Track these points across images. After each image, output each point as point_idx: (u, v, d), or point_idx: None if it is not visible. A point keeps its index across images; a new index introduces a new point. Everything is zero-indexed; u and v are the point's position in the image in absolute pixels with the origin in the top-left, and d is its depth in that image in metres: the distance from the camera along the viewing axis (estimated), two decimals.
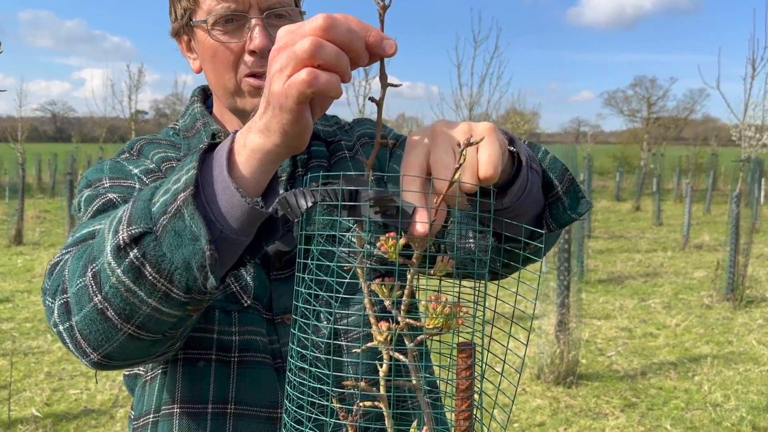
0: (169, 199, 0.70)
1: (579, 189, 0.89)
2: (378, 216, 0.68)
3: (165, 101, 39.47)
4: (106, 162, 1.07)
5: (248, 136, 0.70)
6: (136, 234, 0.71)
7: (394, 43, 0.66)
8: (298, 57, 0.63)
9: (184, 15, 1.06)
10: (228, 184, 0.70)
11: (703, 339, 5.95)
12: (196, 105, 1.16)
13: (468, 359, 0.67)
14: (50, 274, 0.85)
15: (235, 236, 0.72)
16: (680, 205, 17.58)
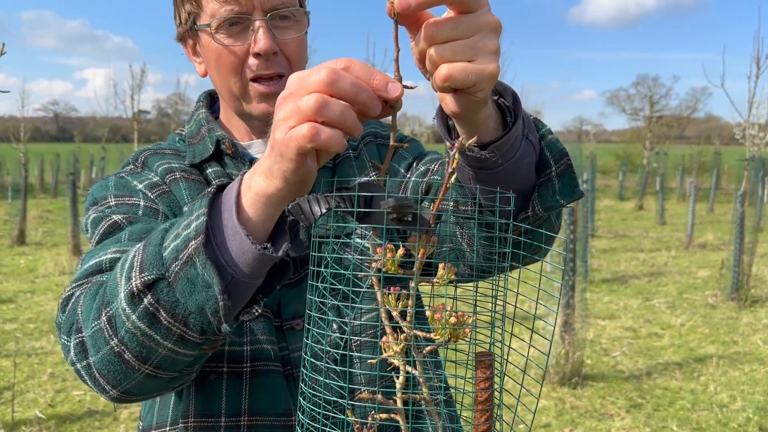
0: (180, 245, 0.71)
1: (574, 176, 0.86)
2: (394, 223, 0.67)
3: (167, 101, 39.53)
4: (111, 177, 1.06)
5: (253, 178, 0.71)
6: (149, 281, 0.72)
7: (399, 86, 0.65)
8: (302, 112, 0.64)
9: (188, 19, 1.05)
10: (238, 230, 0.70)
11: (708, 339, 5.93)
12: (201, 111, 1.14)
13: (487, 370, 0.66)
14: (63, 309, 0.85)
15: (247, 280, 0.73)
16: (683, 204, 17.55)
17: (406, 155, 1.15)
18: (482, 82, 0.67)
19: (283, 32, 1.02)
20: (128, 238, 0.92)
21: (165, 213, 1.00)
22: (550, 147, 0.85)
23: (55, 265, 8.60)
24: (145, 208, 1.00)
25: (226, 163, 1.07)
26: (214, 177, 1.06)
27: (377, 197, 0.67)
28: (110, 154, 19.68)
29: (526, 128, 0.81)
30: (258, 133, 1.11)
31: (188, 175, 1.05)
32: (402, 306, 0.68)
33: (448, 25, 0.66)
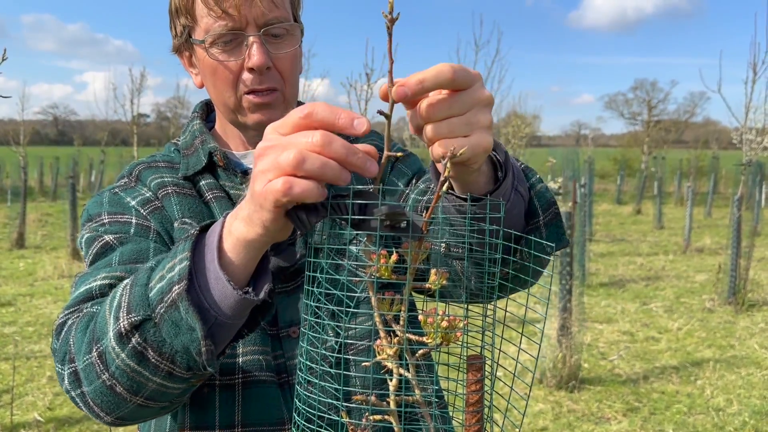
0: (165, 288, 0.74)
1: (561, 224, 0.89)
2: (388, 230, 0.69)
3: (167, 104, 39.51)
4: (105, 193, 1.08)
5: (234, 223, 0.74)
6: (136, 322, 0.75)
7: (365, 121, 0.68)
8: (281, 167, 0.66)
9: (183, 32, 1.06)
10: (219, 274, 0.74)
11: (705, 343, 5.94)
12: (196, 122, 1.16)
13: (478, 373, 0.68)
14: (57, 336, 0.88)
15: (230, 321, 0.76)
16: (681, 208, 17.57)
17: (405, 171, 1.17)
18: (477, 156, 0.71)
19: (277, 47, 1.04)
20: (118, 261, 0.95)
21: (156, 230, 1.02)
22: (539, 197, 0.88)
23: (54, 269, 8.61)
24: (137, 225, 1.02)
25: (219, 175, 1.09)
26: (206, 189, 1.07)
27: (371, 205, 0.69)
28: (110, 157, 19.68)
29: (516, 180, 0.84)
30: (253, 143, 1.12)
31: (180, 189, 1.07)
32: (395, 311, 0.70)
33: (444, 104, 0.69)
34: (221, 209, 1.05)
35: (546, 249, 0.87)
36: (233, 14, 0.99)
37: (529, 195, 0.87)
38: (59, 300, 7.17)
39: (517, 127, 12.12)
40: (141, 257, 0.96)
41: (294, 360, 1.02)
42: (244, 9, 0.99)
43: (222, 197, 1.07)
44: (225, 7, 0.99)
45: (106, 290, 0.90)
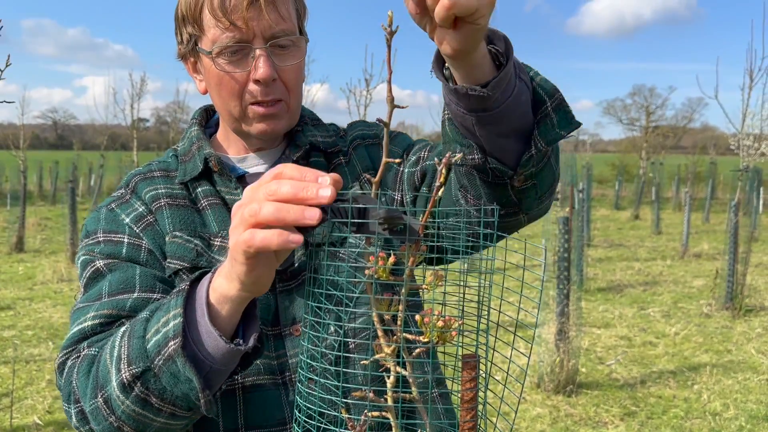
0: (162, 341, 0.81)
1: (568, 108, 0.90)
2: (386, 232, 0.71)
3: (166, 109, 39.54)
4: (102, 210, 1.12)
5: (217, 279, 0.82)
6: (137, 373, 0.82)
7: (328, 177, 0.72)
8: (245, 220, 0.73)
9: (190, 40, 1.08)
10: (210, 329, 0.81)
11: (702, 348, 5.97)
12: (194, 128, 1.18)
13: (472, 371, 0.70)
14: (60, 374, 0.95)
15: (224, 368, 0.84)
16: (679, 213, 17.61)
17: (396, 150, 1.19)
18: (483, 8, 0.71)
19: (283, 59, 1.06)
20: (108, 291, 1.01)
21: (148, 247, 1.06)
22: (542, 85, 0.89)
23: (54, 273, 8.62)
24: (128, 245, 1.06)
25: (215, 180, 1.11)
26: (202, 196, 1.10)
27: (371, 208, 0.72)
28: (109, 161, 19.71)
29: (518, 69, 0.85)
30: (254, 147, 1.15)
31: (173, 200, 1.10)
32: (393, 310, 0.73)
33: None
34: (215, 216, 1.08)
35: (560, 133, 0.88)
36: (241, 26, 1.01)
37: (531, 85, 0.88)
38: (58, 304, 7.19)
39: None
40: (127, 287, 1.01)
41: (296, 358, 1.05)
42: (251, 22, 1.01)
43: (217, 204, 1.10)
44: (233, 19, 1.01)
45: (97, 329, 0.97)
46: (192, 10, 1.05)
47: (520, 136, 0.87)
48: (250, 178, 1.14)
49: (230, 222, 1.07)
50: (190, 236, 1.06)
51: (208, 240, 1.06)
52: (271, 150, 1.16)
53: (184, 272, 1.04)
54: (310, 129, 1.19)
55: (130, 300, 0.98)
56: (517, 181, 0.90)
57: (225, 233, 1.06)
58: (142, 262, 1.05)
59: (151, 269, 1.04)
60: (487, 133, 0.85)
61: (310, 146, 1.16)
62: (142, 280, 1.02)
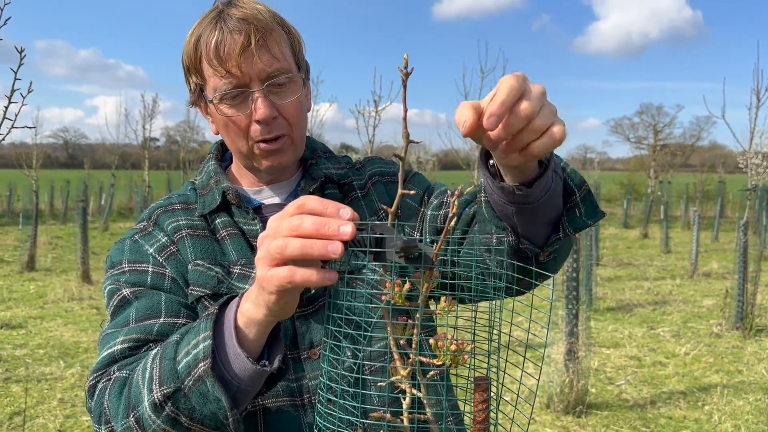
0: (192, 363, 0.86)
1: (594, 199, 0.98)
2: (402, 260, 0.76)
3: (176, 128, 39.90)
4: (126, 241, 1.17)
5: (244, 304, 0.86)
6: (168, 393, 0.87)
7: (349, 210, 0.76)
8: (271, 255, 0.77)
9: (196, 88, 1.15)
10: (237, 351, 0.86)
11: (713, 368, 5.94)
12: (211, 163, 1.24)
13: (484, 393, 0.74)
14: (91, 397, 0.99)
15: (250, 388, 0.88)
16: (688, 232, 17.55)
17: (416, 191, 1.24)
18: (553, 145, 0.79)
19: (281, 96, 1.11)
20: (135, 318, 1.06)
21: (172, 276, 1.11)
22: (571, 176, 0.97)
23: (65, 291, 8.69)
24: (153, 274, 1.11)
25: (233, 212, 1.17)
26: (221, 227, 1.16)
27: (388, 238, 0.76)
28: (119, 180, 19.87)
29: (554, 164, 0.93)
30: (266, 180, 1.21)
31: (194, 231, 1.15)
32: (408, 335, 0.77)
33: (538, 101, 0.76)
34: (234, 246, 1.14)
35: (587, 222, 0.97)
36: (236, 73, 1.07)
37: (563, 176, 0.96)
38: (69, 323, 7.24)
39: None
40: (154, 312, 1.06)
41: (315, 381, 1.08)
42: (245, 67, 1.06)
43: (235, 234, 1.15)
44: (228, 67, 1.07)
45: (126, 353, 1.01)
46: (193, 61, 1.11)
47: (549, 221, 0.96)
48: (266, 209, 1.19)
49: (248, 250, 1.12)
50: (211, 264, 1.11)
51: (227, 268, 1.11)
52: (284, 182, 1.22)
53: (205, 299, 1.08)
54: (323, 162, 1.24)
55: (156, 325, 1.03)
56: (542, 256, 0.98)
57: (244, 261, 1.12)
58: (167, 289, 1.10)
59: (176, 296, 1.09)
60: (523, 221, 0.93)
61: (324, 178, 1.21)
62: (168, 306, 1.07)
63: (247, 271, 1.10)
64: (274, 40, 1.09)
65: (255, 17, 1.08)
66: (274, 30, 1.10)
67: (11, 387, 5.17)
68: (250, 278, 1.09)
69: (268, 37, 1.08)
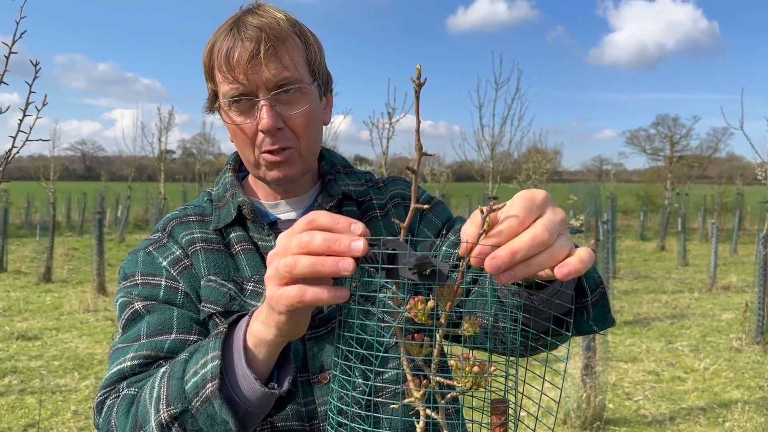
0: (200, 383, 0.83)
1: (608, 304, 0.92)
2: (416, 277, 0.73)
3: (192, 141, 40.27)
4: (140, 252, 1.15)
5: (254, 324, 0.83)
6: (175, 413, 0.84)
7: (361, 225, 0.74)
8: (280, 274, 0.75)
9: (212, 94, 1.14)
10: (246, 372, 0.83)
11: (733, 383, 5.83)
12: (228, 174, 1.22)
13: (502, 416, 0.71)
14: (99, 413, 0.97)
15: (259, 411, 0.85)
16: (706, 245, 17.35)
17: (435, 221, 1.22)
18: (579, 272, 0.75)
19: (289, 107, 1.09)
20: (146, 332, 1.03)
21: (184, 290, 1.09)
22: (587, 276, 0.90)
23: (80, 303, 8.74)
24: (166, 287, 1.09)
25: (248, 227, 1.14)
26: (235, 242, 1.13)
27: (401, 254, 0.73)
28: (136, 192, 20.03)
29: None
30: (282, 193, 1.18)
31: (208, 244, 1.13)
32: (425, 354, 0.74)
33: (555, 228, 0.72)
34: (248, 261, 1.11)
35: (593, 328, 0.91)
36: (243, 81, 1.05)
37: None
38: (84, 334, 7.27)
39: (538, 162, 12.14)
40: (165, 328, 1.04)
41: (325, 406, 1.06)
42: (252, 75, 1.05)
43: (250, 249, 1.12)
44: (235, 74, 1.05)
45: (136, 369, 0.99)
46: (207, 67, 1.11)
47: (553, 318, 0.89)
48: (282, 224, 1.16)
49: (262, 267, 1.09)
50: (224, 280, 1.08)
51: (240, 284, 1.09)
52: (302, 196, 1.19)
53: (217, 316, 1.06)
54: (342, 178, 1.22)
55: (168, 341, 1.01)
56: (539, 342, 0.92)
57: (257, 278, 1.09)
58: (179, 304, 1.07)
59: (188, 311, 1.07)
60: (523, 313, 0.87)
61: (342, 195, 1.19)
62: (180, 322, 1.04)
63: (260, 288, 1.08)
64: (285, 49, 1.07)
65: (269, 25, 1.06)
66: (287, 39, 1.07)
67: (26, 398, 5.19)
68: (262, 296, 1.07)
69: (280, 46, 1.06)
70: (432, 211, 1.23)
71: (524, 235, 0.70)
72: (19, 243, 15.99)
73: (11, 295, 9.55)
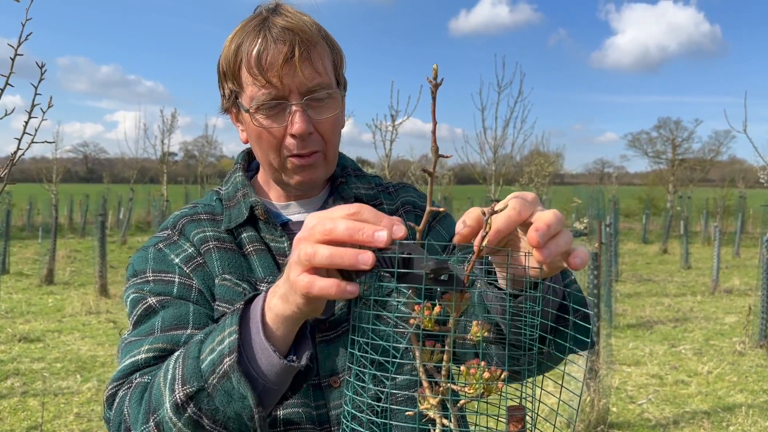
0: (216, 359, 0.80)
1: (590, 328, 0.91)
2: (431, 282, 0.72)
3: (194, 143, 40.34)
4: (150, 249, 1.12)
5: (272, 300, 0.80)
6: (191, 393, 0.81)
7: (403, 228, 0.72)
8: (301, 262, 0.73)
9: (231, 95, 1.11)
10: (265, 345, 0.80)
11: (737, 387, 5.81)
12: (238, 174, 1.20)
13: (519, 424, 0.70)
14: (110, 406, 0.94)
15: (276, 387, 0.82)
16: (708, 248, 17.31)
17: (443, 233, 1.21)
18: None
19: (319, 112, 1.08)
20: (160, 327, 1.00)
21: (198, 288, 1.07)
22: (572, 297, 0.91)
23: (82, 305, 8.73)
24: (179, 285, 1.06)
25: (260, 227, 1.13)
26: (247, 242, 1.12)
27: (416, 258, 0.72)
28: (138, 194, 20.02)
29: (553, 279, 0.88)
30: (295, 196, 1.17)
31: (221, 243, 1.11)
32: (436, 360, 0.72)
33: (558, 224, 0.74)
34: (260, 262, 1.10)
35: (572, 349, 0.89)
36: (276, 84, 1.04)
37: (563, 294, 0.90)
38: (86, 336, 7.26)
39: (540, 165, 12.11)
40: (181, 323, 1.01)
41: (336, 410, 1.04)
42: (286, 79, 1.03)
43: (262, 250, 1.11)
44: (269, 77, 1.03)
45: (151, 362, 0.96)
46: (231, 67, 1.08)
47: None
48: (294, 225, 1.15)
49: (275, 268, 1.08)
50: (239, 280, 1.07)
51: (255, 285, 1.07)
52: (313, 198, 1.18)
53: None
54: (353, 181, 1.21)
55: (184, 336, 0.99)
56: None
57: (271, 279, 1.08)
58: (193, 300, 1.05)
59: (203, 308, 1.05)
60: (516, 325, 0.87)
61: (354, 198, 1.18)
62: (195, 317, 1.02)
63: None
64: (317, 53, 1.06)
65: (300, 28, 1.05)
66: (318, 43, 1.07)
67: (28, 401, 5.18)
68: None
69: (312, 50, 1.05)
70: (441, 223, 1.23)
71: (544, 214, 0.74)
72: (22, 245, 15.97)
73: (13, 297, 9.54)
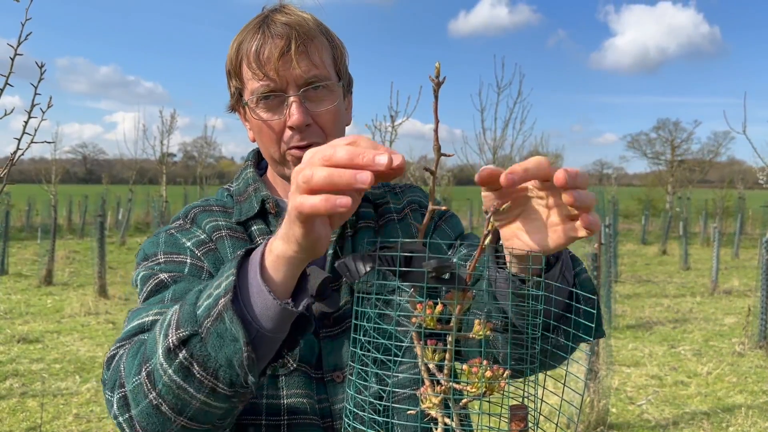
0: (212, 303, 0.78)
1: (600, 317, 0.92)
2: (433, 281, 0.72)
3: (193, 144, 40.35)
4: (161, 234, 1.13)
5: (274, 242, 0.79)
6: (184, 337, 0.79)
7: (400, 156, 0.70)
8: (299, 185, 0.72)
9: (235, 93, 1.14)
10: (261, 287, 0.78)
11: (737, 388, 5.81)
12: (249, 170, 1.22)
13: (522, 423, 0.69)
14: (108, 367, 0.92)
15: (271, 334, 0.80)
16: (708, 248, 17.32)
17: (449, 232, 1.22)
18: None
19: (317, 104, 1.09)
20: (171, 298, 0.98)
21: (210, 270, 1.07)
22: (582, 285, 0.91)
23: (81, 306, 8.72)
24: (191, 266, 1.06)
25: (270, 221, 1.14)
26: (258, 234, 1.13)
27: (418, 257, 0.72)
28: (137, 195, 20.02)
29: (564, 266, 0.88)
30: None
31: (233, 232, 1.12)
32: (438, 359, 0.72)
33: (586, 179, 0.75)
34: None
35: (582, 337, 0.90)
36: (273, 77, 1.06)
37: (573, 281, 0.90)
38: (86, 337, 7.25)
39: None
40: None
41: (338, 405, 1.04)
42: (283, 71, 1.06)
43: None
44: (266, 70, 1.06)
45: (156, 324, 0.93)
46: (233, 65, 1.11)
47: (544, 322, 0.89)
48: None
49: None
50: None
51: None
52: None
53: None
54: None
55: None
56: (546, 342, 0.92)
57: None
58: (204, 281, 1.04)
59: None
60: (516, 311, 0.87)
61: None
62: None
63: None
64: (315, 47, 1.09)
65: (299, 23, 1.08)
66: (316, 37, 1.09)
67: (27, 402, 5.17)
68: None
69: (309, 43, 1.08)
70: (447, 222, 1.24)
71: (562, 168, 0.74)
72: (20, 246, 15.96)
73: (12, 297, 9.53)
